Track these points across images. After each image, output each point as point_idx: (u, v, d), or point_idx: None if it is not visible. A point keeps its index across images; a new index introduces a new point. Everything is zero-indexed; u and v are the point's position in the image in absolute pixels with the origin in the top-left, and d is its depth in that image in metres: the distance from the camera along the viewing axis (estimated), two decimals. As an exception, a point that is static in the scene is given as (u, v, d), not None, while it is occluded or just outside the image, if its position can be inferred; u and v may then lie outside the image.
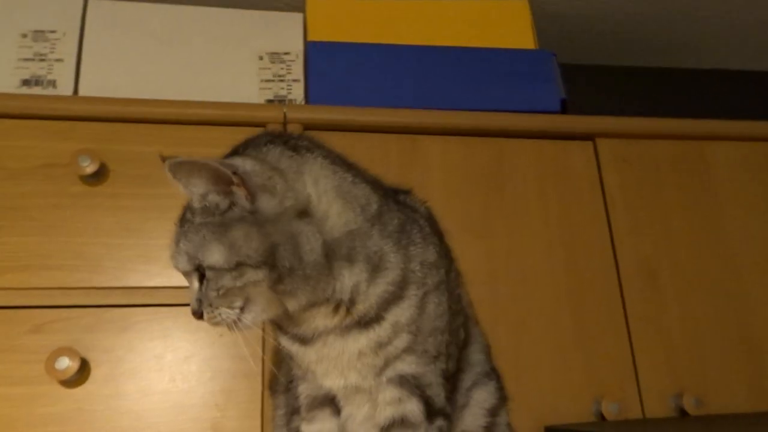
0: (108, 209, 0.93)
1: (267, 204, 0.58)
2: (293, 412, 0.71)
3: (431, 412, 0.64)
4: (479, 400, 0.73)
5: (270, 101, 1.07)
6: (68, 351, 0.83)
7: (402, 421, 0.64)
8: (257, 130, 0.99)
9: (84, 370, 0.86)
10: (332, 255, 0.60)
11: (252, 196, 0.58)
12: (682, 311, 1.03)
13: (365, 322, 0.62)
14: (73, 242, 0.91)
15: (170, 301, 0.90)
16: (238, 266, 0.56)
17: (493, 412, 0.72)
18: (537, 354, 0.97)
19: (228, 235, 0.57)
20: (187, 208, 0.61)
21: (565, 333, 0.99)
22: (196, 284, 0.60)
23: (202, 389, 0.88)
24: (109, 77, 1.02)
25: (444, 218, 1.01)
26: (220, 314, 0.59)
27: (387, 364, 0.64)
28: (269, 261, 0.57)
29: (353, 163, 0.69)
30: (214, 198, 0.58)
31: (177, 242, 0.60)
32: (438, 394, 0.65)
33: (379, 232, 0.63)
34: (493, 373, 0.76)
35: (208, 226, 0.58)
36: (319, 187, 0.62)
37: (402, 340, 0.63)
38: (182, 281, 0.91)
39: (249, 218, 0.57)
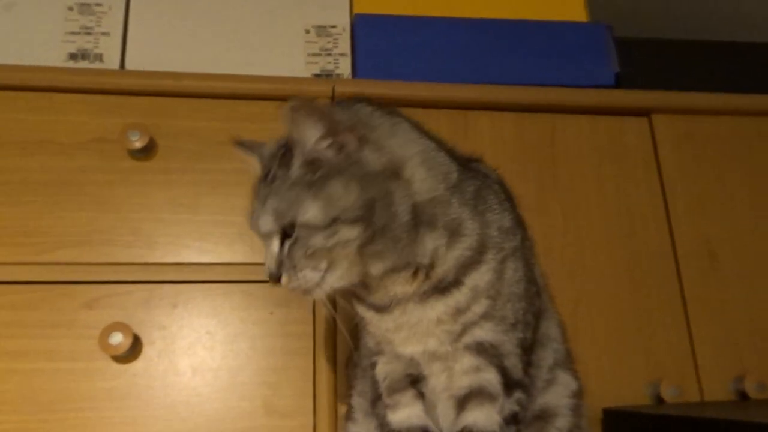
0: (159, 185, 0.92)
1: (371, 156, 0.58)
2: (375, 398, 0.70)
3: (509, 383, 0.63)
4: (565, 381, 0.71)
5: (317, 75, 1.05)
6: (121, 326, 0.83)
7: (479, 392, 0.63)
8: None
9: (136, 346, 0.85)
10: (417, 219, 0.59)
11: (360, 145, 0.57)
12: (744, 293, 1.00)
13: (443, 287, 0.61)
14: (126, 218, 0.91)
15: (221, 278, 0.89)
16: (333, 223, 0.55)
17: (577, 395, 0.71)
18: (593, 334, 0.95)
19: (326, 190, 0.56)
20: (273, 167, 0.60)
21: (623, 313, 0.96)
22: (276, 246, 0.58)
23: (254, 366, 0.87)
24: (155, 51, 1.01)
25: (498, 195, 1.00)
26: (304, 276, 0.57)
27: (465, 330, 0.62)
28: (366, 216, 0.56)
29: (431, 132, 0.67)
30: (322, 146, 0.57)
31: (263, 201, 0.59)
32: (515, 365, 0.64)
33: (459, 200, 0.62)
34: (572, 359, 0.74)
35: (302, 183, 0.57)
36: (407, 151, 0.61)
37: (480, 306, 0.62)
38: (233, 257, 0.91)
39: (350, 170, 0.56)
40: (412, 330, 0.63)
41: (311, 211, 0.56)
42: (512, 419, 0.64)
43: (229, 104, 0.96)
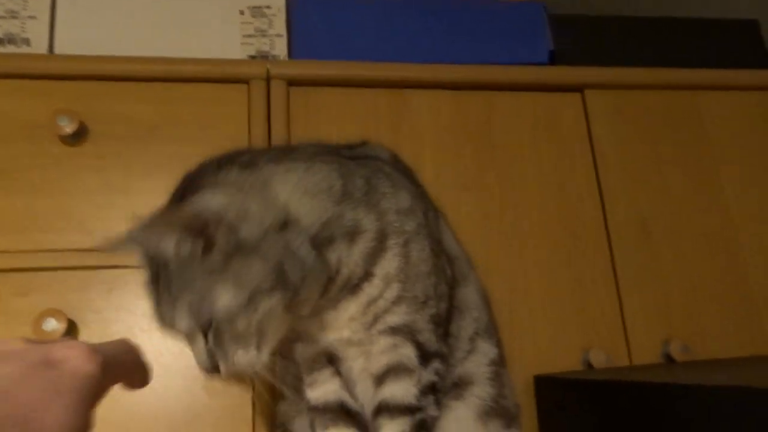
0: (92, 169, 0.92)
1: (249, 232, 0.55)
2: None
3: (425, 355, 0.65)
4: (485, 349, 0.73)
5: (252, 57, 1.04)
6: (55, 312, 0.83)
7: (397, 367, 0.65)
8: (241, 87, 0.98)
9: (72, 331, 0.85)
10: (319, 248, 0.59)
11: (233, 232, 0.55)
12: (674, 263, 1.03)
13: (353, 286, 0.63)
14: (60, 203, 0.90)
15: (158, 261, 0.90)
16: (252, 299, 0.54)
17: (496, 363, 0.73)
18: (529, 306, 0.98)
19: (228, 274, 0.54)
20: (159, 268, 0.56)
21: (558, 286, 0.99)
22: (201, 341, 0.56)
23: (194, 348, 0.88)
24: (85, 35, 0.99)
25: (436, 172, 1.01)
26: (238, 359, 0.56)
27: (377, 318, 0.64)
28: (280, 279, 0.55)
29: (299, 146, 0.67)
30: (188, 247, 0.54)
31: (171, 304, 0.55)
32: (430, 339, 0.65)
33: (350, 206, 0.62)
34: (494, 327, 0.76)
35: (200, 274, 0.54)
36: (281, 195, 0.59)
37: (392, 291, 0.63)
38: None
39: (240, 251, 0.55)
40: (326, 324, 0.65)
41: (225, 297, 0.54)
42: (430, 389, 0.66)
43: (163, 87, 0.96)
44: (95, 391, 0.38)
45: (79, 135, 0.92)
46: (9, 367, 0.36)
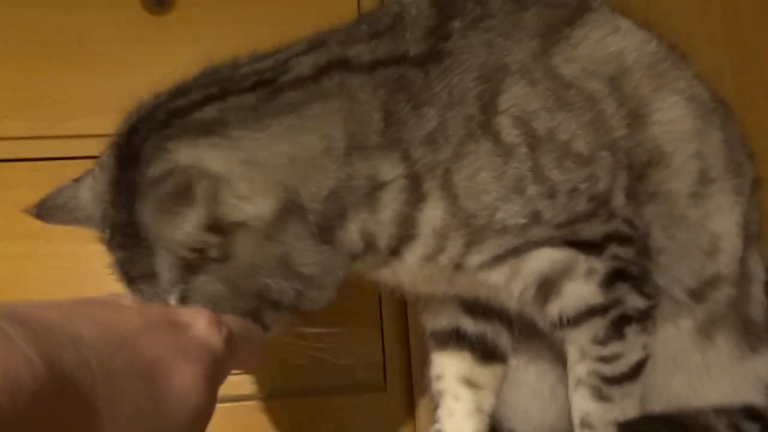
0: (183, 40, 0.79)
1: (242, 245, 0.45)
2: None
3: (585, 245, 0.50)
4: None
5: None
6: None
7: (545, 280, 0.51)
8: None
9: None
10: (325, 231, 0.46)
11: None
12: None
13: (392, 251, 0.49)
14: (147, 80, 0.77)
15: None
16: None
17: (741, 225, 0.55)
18: None
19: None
20: None
21: None
22: None
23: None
24: None
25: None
26: None
27: (458, 266, 0.51)
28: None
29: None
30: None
31: None
32: (580, 231, 0.50)
33: (360, 157, 0.46)
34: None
35: None
36: (276, 169, 0.45)
37: (455, 242, 0.49)
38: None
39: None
40: (401, 279, 0.53)
41: None
42: (617, 277, 0.50)
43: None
44: (220, 368, 0.34)
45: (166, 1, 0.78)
46: (128, 316, 0.32)
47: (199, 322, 0.35)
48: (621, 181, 0.50)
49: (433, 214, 0.47)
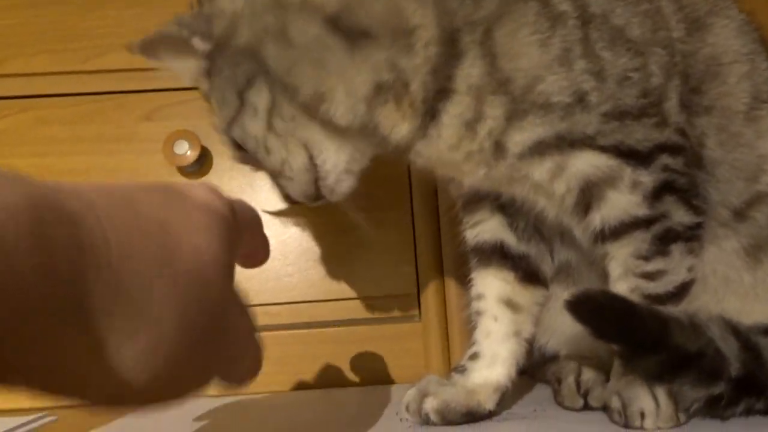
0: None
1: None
2: None
3: (633, 155, 0.48)
4: None
5: None
6: (187, 134, 0.71)
7: (589, 185, 0.50)
8: None
9: (205, 159, 0.74)
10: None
11: None
12: None
13: (429, 106, 0.48)
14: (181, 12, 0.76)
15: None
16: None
17: None
18: None
19: None
20: None
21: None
22: None
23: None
24: None
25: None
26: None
27: (498, 144, 0.49)
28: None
29: None
30: None
31: None
32: (628, 136, 0.48)
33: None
34: None
35: None
36: None
37: (495, 106, 0.48)
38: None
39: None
40: (433, 160, 0.52)
41: None
42: (663, 190, 0.48)
43: None
44: (227, 231, 0.33)
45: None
46: (127, 185, 0.32)
47: (202, 190, 0.35)
48: (675, 83, 0.48)
49: (469, 71, 0.46)
